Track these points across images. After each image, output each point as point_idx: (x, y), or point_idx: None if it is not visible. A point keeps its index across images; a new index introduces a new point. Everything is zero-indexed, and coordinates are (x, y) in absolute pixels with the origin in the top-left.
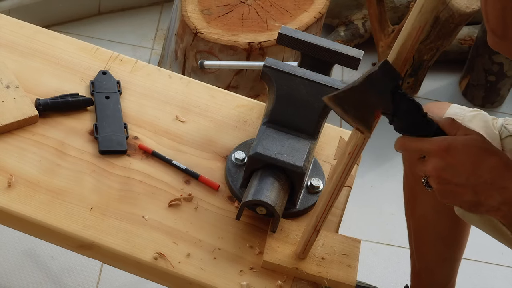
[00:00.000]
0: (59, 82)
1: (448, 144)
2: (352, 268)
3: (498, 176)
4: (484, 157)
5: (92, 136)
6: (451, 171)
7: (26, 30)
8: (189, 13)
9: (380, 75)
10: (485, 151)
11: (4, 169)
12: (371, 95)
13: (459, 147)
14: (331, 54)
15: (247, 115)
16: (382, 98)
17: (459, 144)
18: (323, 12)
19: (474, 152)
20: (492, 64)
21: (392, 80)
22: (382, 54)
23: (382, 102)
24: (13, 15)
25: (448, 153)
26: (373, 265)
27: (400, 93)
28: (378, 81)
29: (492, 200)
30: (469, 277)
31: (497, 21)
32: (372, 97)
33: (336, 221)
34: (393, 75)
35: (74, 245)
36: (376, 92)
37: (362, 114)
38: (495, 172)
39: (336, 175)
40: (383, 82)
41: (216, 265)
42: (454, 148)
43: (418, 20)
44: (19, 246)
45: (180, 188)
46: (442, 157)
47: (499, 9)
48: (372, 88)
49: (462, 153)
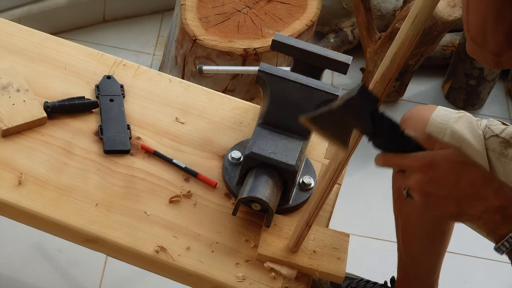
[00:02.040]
0: (66, 86)
1: (430, 159)
2: (342, 260)
3: (479, 187)
4: (465, 170)
5: (97, 137)
6: (434, 184)
7: (35, 37)
8: (188, 21)
9: (359, 100)
10: (465, 164)
11: (15, 168)
12: (349, 117)
13: (441, 161)
14: (322, 59)
15: (243, 117)
16: (361, 120)
17: (440, 159)
18: (314, 20)
19: (455, 166)
20: (473, 69)
21: (371, 104)
22: (369, 60)
23: (361, 123)
24: (23, 23)
25: (430, 168)
26: (361, 258)
27: (379, 115)
28: (357, 106)
29: (474, 210)
30: (453, 269)
31: (477, 31)
32: (350, 119)
33: (327, 216)
34: (371, 99)
35: (80, 239)
36: (354, 115)
37: (338, 134)
38: (475, 184)
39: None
40: (362, 106)
41: (214, 258)
42: (436, 163)
43: (412, 29)
44: (28, 240)
45: (180, 185)
46: (425, 172)
47: (480, 20)
48: (351, 111)
49: (444, 168)
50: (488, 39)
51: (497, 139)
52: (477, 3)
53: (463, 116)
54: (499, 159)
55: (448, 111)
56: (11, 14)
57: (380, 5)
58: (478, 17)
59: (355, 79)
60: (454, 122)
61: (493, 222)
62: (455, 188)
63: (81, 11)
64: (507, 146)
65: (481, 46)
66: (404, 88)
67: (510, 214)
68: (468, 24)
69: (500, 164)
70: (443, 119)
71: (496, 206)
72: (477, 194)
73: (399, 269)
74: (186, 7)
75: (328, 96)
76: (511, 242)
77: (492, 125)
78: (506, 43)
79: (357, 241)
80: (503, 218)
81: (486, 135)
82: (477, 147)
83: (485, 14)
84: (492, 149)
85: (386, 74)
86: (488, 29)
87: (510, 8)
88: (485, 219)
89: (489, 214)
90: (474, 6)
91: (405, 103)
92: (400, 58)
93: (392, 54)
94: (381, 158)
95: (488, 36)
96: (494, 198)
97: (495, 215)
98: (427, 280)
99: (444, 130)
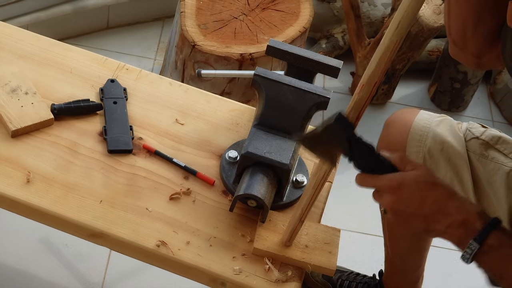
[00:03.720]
0: (72, 89)
1: (399, 181)
2: (333, 254)
3: (443, 204)
4: (431, 189)
5: (101, 137)
6: (403, 203)
7: (42, 42)
8: (187, 27)
9: (336, 127)
10: (432, 184)
11: (23, 167)
12: (331, 140)
13: (409, 183)
14: (314, 64)
15: (239, 118)
16: (340, 143)
17: (409, 180)
18: (307, 26)
19: (422, 186)
20: (457, 73)
21: (347, 130)
22: (359, 64)
23: (341, 146)
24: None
25: (400, 189)
26: (351, 252)
27: (355, 139)
28: (335, 131)
29: (439, 225)
30: (437, 263)
31: (458, 34)
32: (332, 142)
33: (319, 212)
34: (347, 126)
35: (85, 234)
36: (335, 139)
37: (326, 153)
38: (440, 202)
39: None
40: (339, 131)
41: (212, 251)
42: (404, 184)
43: (395, 35)
44: (36, 235)
45: (179, 183)
46: (395, 192)
47: (461, 23)
48: (331, 136)
49: (412, 188)
50: (469, 41)
51: (478, 141)
52: (458, 8)
53: (445, 119)
54: (480, 160)
55: (430, 115)
56: (20, 21)
57: (369, 12)
58: (459, 21)
59: (345, 82)
60: (436, 125)
61: (457, 235)
62: (422, 206)
63: (86, 18)
64: (487, 147)
65: (462, 48)
66: (392, 91)
67: (471, 227)
68: (450, 28)
69: (481, 164)
70: (425, 122)
71: (459, 221)
72: (441, 211)
73: (386, 263)
74: (185, 14)
75: (319, 98)
76: (469, 252)
77: (473, 128)
78: (485, 45)
79: (347, 236)
80: (465, 231)
81: (467, 137)
82: (459, 149)
83: (465, 18)
84: (473, 150)
85: (372, 78)
86: (468, 32)
87: (489, 12)
88: (450, 233)
89: (453, 229)
90: (455, 11)
91: (393, 105)
92: (385, 62)
93: (377, 58)
94: (359, 179)
95: (468, 39)
96: (456, 213)
97: (458, 229)
98: (412, 273)
99: (426, 133)
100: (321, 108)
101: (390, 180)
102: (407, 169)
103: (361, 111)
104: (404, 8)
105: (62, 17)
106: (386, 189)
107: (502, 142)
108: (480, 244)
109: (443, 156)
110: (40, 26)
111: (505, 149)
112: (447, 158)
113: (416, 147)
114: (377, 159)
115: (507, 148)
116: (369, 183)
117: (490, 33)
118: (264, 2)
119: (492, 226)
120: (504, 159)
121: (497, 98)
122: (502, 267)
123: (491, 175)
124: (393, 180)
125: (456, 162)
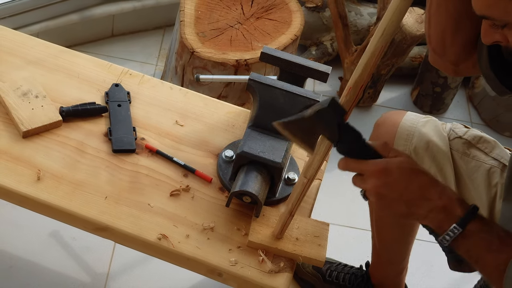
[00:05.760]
0: (79, 92)
1: (384, 166)
2: (322, 247)
3: (426, 190)
4: (414, 175)
5: (106, 138)
6: (387, 188)
7: (52, 49)
8: (187, 35)
9: (329, 110)
10: (415, 171)
11: (34, 165)
12: (318, 125)
13: (393, 168)
14: (305, 69)
15: (235, 120)
16: (329, 128)
17: (393, 166)
18: (298, 34)
19: (406, 172)
20: (438, 78)
21: (339, 115)
22: (347, 69)
23: (328, 131)
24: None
25: (385, 173)
26: (340, 244)
27: (345, 125)
28: (327, 116)
29: (421, 210)
30: (420, 255)
31: (438, 42)
32: (320, 127)
33: (309, 208)
34: (340, 111)
35: (91, 228)
36: (323, 124)
37: (307, 139)
38: (423, 187)
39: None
40: (331, 116)
41: (209, 244)
42: (389, 169)
43: (381, 42)
44: (46, 229)
45: (179, 180)
46: (379, 177)
47: (440, 32)
48: (320, 120)
49: (396, 173)
50: (447, 49)
51: (461, 140)
52: (438, 17)
53: (430, 120)
54: (462, 158)
55: (417, 116)
56: (30, 29)
57: (356, 21)
58: (438, 30)
59: (334, 86)
60: (422, 125)
61: (437, 220)
62: (405, 191)
63: (92, 27)
64: (469, 146)
65: (441, 56)
66: (377, 95)
67: (451, 212)
68: (430, 37)
69: (463, 162)
70: (412, 123)
71: (440, 206)
72: (423, 196)
73: (373, 255)
74: (185, 23)
75: (310, 101)
76: (450, 235)
77: (456, 128)
78: (463, 53)
79: (336, 230)
80: (446, 216)
81: (450, 137)
82: (443, 147)
83: (445, 27)
84: (456, 149)
85: (358, 81)
86: (447, 41)
87: (467, 21)
88: (431, 218)
89: (434, 213)
90: (435, 19)
91: (378, 108)
92: (370, 67)
93: (364, 63)
94: (343, 163)
95: (447, 47)
96: (438, 199)
97: (439, 214)
98: (398, 265)
99: (412, 133)
100: None
101: (375, 165)
102: (391, 155)
103: (348, 112)
104: (388, 17)
105: (70, 25)
106: (370, 174)
107: (483, 141)
108: (463, 229)
109: (428, 154)
110: (50, 34)
111: (486, 148)
112: (432, 156)
113: (403, 145)
114: (364, 145)
115: (488, 147)
116: (353, 167)
117: (468, 41)
118: (258, 11)
119: (472, 213)
120: (484, 157)
121: (475, 101)
122: (478, 251)
123: (473, 172)
124: (378, 165)
125: (440, 160)
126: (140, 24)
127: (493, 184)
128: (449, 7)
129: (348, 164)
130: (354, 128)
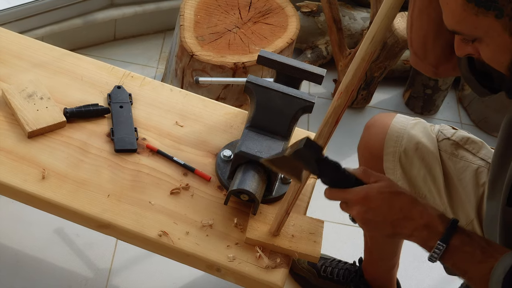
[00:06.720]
0: (82, 94)
1: (365, 193)
2: (317, 243)
3: (407, 211)
4: (395, 198)
5: (109, 138)
6: (371, 213)
7: (56, 52)
8: (186, 39)
9: (305, 151)
10: (396, 193)
11: (39, 164)
12: (299, 163)
13: (374, 194)
14: (300, 72)
15: (233, 121)
16: (309, 165)
17: (374, 192)
18: (294, 38)
19: (387, 196)
20: (429, 80)
21: (316, 153)
22: (341, 72)
23: (309, 167)
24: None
25: (367, 200)
26: (334, 241)
27: (323, 160)
28: (304, 155)
29: (406, 230)
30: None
31: (419, 45)
32: (300, 165)
33: (304, 205)
34: (315, 148)
35: (94, 225)
36: (302, 162)
37: (293, 172)
38: (404, 208)
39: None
40: (308, 155)
41: (208, 241)
42: (370, 196)
43: (370, 47)
44: (50, 226)
45: (179, 179)
46: (363, 204)
47: (421, 36)
48: (299, 159)
49: (377, 199)
50: (429, 53)
51: (449, 141)
52: (420, 22)
53: (419, 122)
54: (451, 158)
55: (406, 118)
56: (36, 33)
57: (350, 25)
58: (420, 34)
59: (328, 88)
60: (411, 127)
61: (422, 237)
62: (388, 214)
63: (95, 31)
64: (457, 147)
65: (423, 59)
66: (370, 96)
67: (434, 229)
68: (412, 40)
69: (451, 163)
70: (401, 125)
71: (422, 224)
72: (406, 217)
73: (365, 251)
74: (184, 27)
75: (305, 103)
76: (437, 252)
77: (444, 130)
78: (443, 57)
79: (330, 227)
80: (429, 233)
81: (439, 138)
82: (431, 148)
83: (426, 32)
84: (444, 150)
85: (349, 85)
86: (428, 45)
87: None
88: (416, 236)
89: (418, 232)
90: (417, 24)
91: (371, 109)
92: (360, 71)
93: (354, 69)
94: (328, 193)
95: (428, 51)
96: (419, 218)
97: (422, 232)
98: (389, 261)
99: (402, 135)
100: (307, 112)
101: (357, 193)
102: (371, 181)
103: (340, 115)
104: (377, 24)
105: (74, 29)
106: (354, 201)
107: (471, 142)
108: (447, 244)
109: (417, 155)
110: (54, 38)
111: (473, 148)
112: (421, 157)
113: (392, 147)
114: (343, 175)
115: (475, 148)
116: (337, 196)
117: (448, 45)
118: (255, 16)
119: (453, 228)
120: (472, 157)
121: (465, 103)
122: (463, 265)
123: (461, 172)
124: (360, 193)
125: (429, 161)
126: (142, 28)
127: (480, 184)
128: (431, 13)
129: (332, 194)
130: (332, 161)
